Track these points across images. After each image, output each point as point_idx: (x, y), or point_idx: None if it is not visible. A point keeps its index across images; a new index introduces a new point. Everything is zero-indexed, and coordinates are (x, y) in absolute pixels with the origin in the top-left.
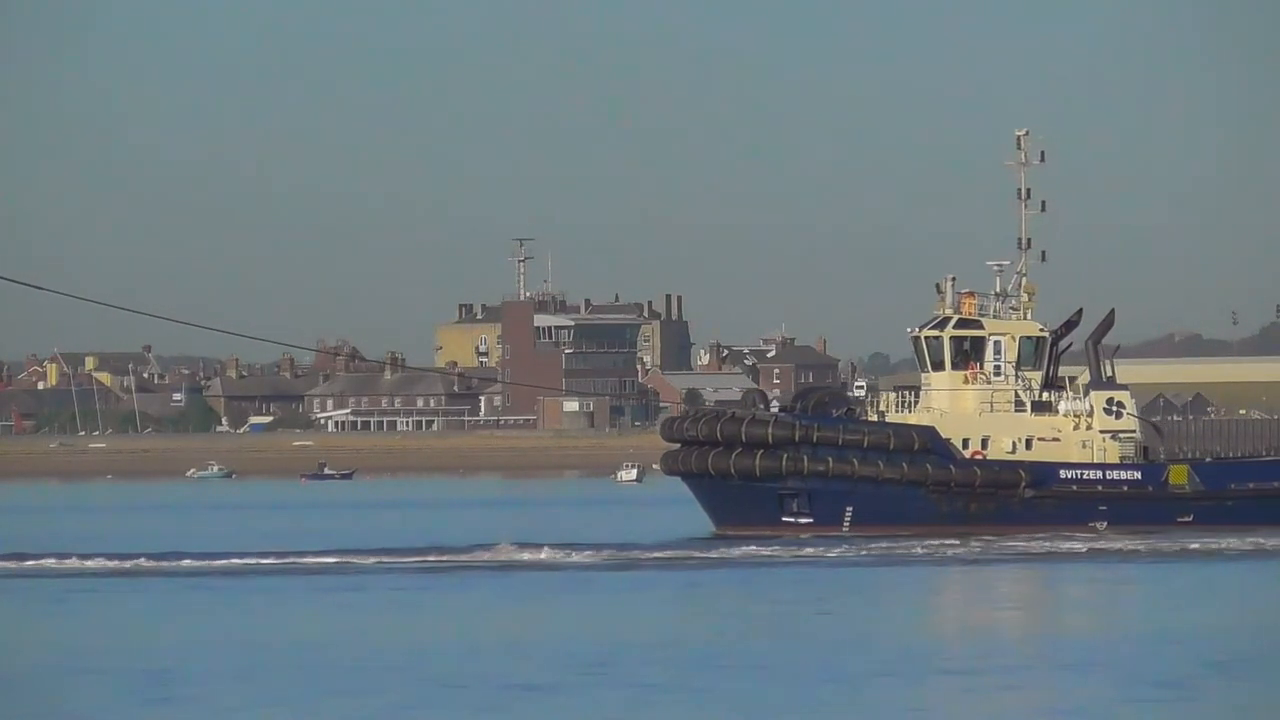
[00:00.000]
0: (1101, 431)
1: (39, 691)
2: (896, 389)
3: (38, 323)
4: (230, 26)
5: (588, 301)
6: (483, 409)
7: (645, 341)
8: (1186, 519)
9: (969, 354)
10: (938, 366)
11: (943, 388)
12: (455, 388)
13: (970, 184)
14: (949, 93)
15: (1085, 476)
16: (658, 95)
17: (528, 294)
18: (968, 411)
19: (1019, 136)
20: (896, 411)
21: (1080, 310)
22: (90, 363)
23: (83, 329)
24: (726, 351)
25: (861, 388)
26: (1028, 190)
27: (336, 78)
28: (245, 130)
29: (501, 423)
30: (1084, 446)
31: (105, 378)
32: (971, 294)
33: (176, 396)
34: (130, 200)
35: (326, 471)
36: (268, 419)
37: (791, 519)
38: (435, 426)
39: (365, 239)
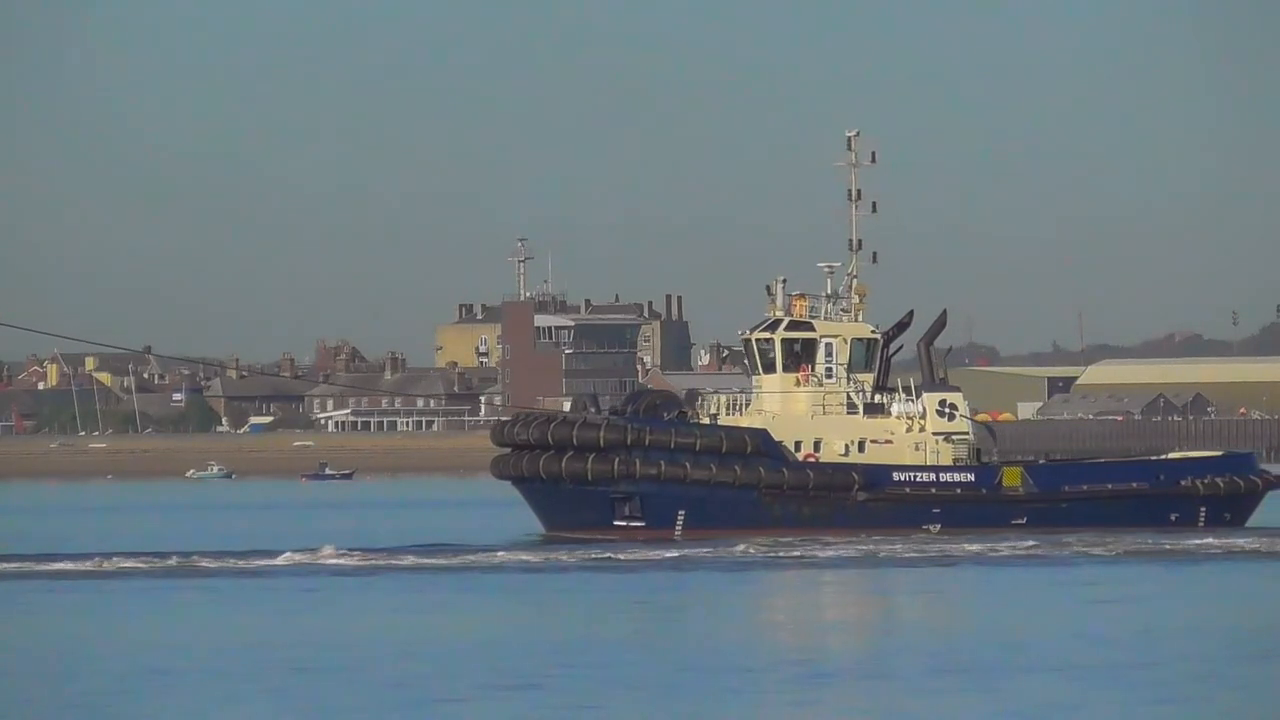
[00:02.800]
0: (934, 434)
1: None
2: (723, 391)
3: (38, 323)
4: (231, 26)
5: (588, 301)
6: (483, 409)
7: (645, 342)
8: (1020, 521)
9: (800, 356)
10: (769, 369)
11: (774, 390)
12: (455, 388)
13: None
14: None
15: (918, 479)
16: (658, 95)
17: (528, 294)
18: (800, 414)
19: (849, 137)
20: (728, 414)
21: (911, 312)
22: (90, 363)
23: (83, 329)
24: (727, 352)
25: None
26: (858, 191)
27: (337, 78)
28: (245, 130)
29: None
30: (917, 449)
31: (105, 378)
32: (802, 296)
33: (176, 396)
34: (130, 200)
35: (327, 472)
36: (268, 419)
37: (623, 523)
38: (435, 427)
39: (366, 239)
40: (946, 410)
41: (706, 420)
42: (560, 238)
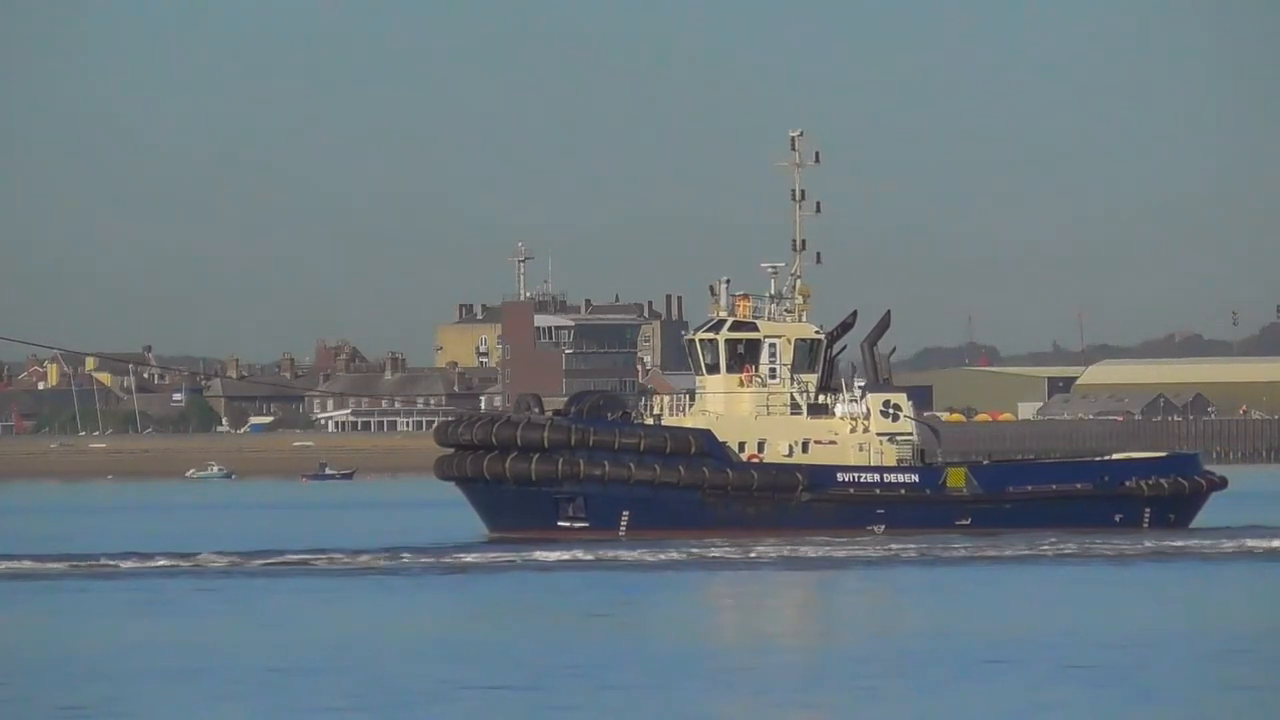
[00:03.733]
0: (878, 434)
1: None
2: (672, 393)
3: (38, 323)
4: (231, 26)
5: (588, 302)
6: (483, 409)
7: (645, 342)
8: (965, 522)
9: (744, 357)
10: (713, 370)
11: (718, 391)
12: (455, 388)
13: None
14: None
15: (862, 479)
16: (658, 95)
17: (528, 294)
18: (744, 415)
19: (794, 137)
20: (672, 415)
21: (855, 312)
22: (90, 363)
23: (83, 329)
24: None
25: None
26: (802, 191)
27: (338, 77)
28: (246, 130)
29: None
30: (861, 449)
31: (105, 378)
32: (746, 296)
33: (176, 397)
34: (130, 199)
35: (328, 472)
36: (268, 419)
37: (567, 523)
38: (436, 427)
39: (366, 239)
40: (890, 411)
41: (650, 421)
42: (560, 238)
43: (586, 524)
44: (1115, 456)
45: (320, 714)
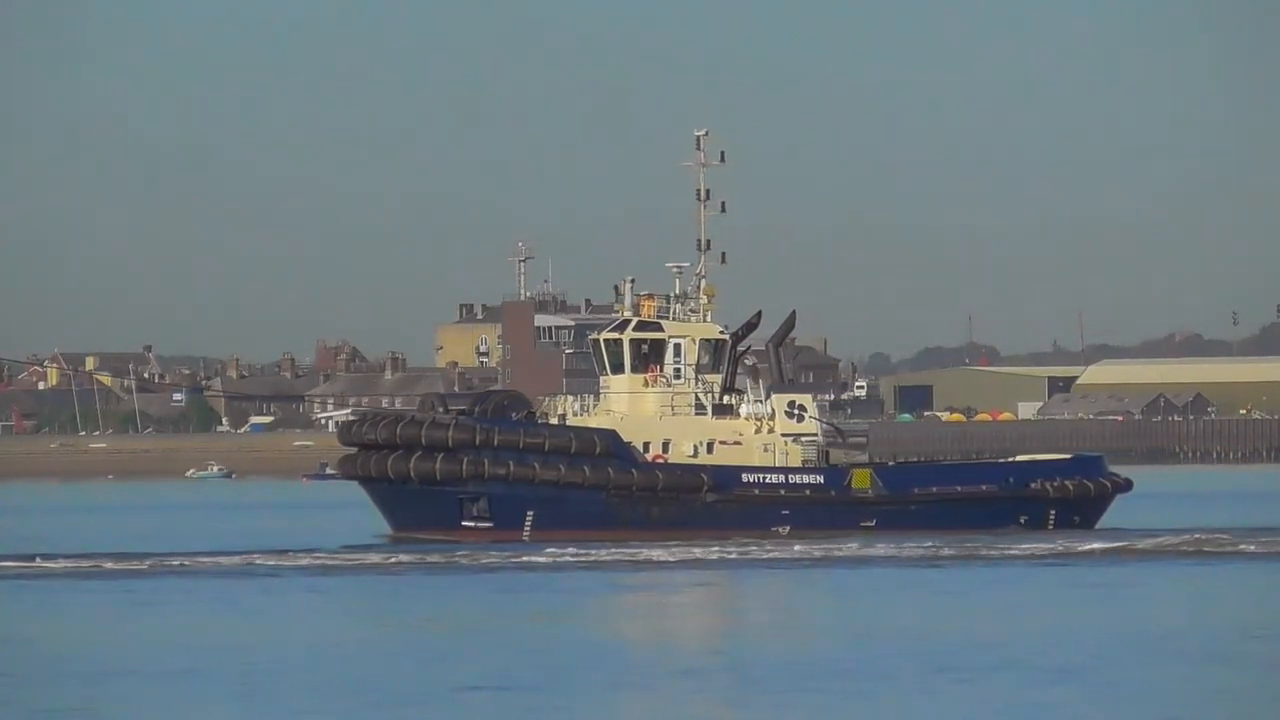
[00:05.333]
0: (783, 435)
1: None
2: (575, 394)
3: (38, 323)
4: (232, 24)
5: (588, 301)
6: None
7: None
8: (870, 523)
9: (649, 357)
10: (617, 370)
11: (623, 391)
12: (456, 388)
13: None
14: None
15: (767, 480)
16: (658, 95)
17: (528, 294)
18: (648, 415)
19: (699, 137)
20: (576, 415)
21: (760, 313)
22: (90, 363)
23: (83, 329)
24: None
25: (862, 388)
26: (707, 191)
27: (337, 77)
28: (246, 129)
29: None
30: (766, 450)
31: (106, 378)
32: (651, 296)
33: (177, 396)
34: (130, 199)
35: (328, 471)
36: (268, 419)
37: (472, 523)
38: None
39: (366, 239)
40: (795, 412)
41: (555, 421)
42: (560, 238)
43: (491, 524)
44: (1020, 458)
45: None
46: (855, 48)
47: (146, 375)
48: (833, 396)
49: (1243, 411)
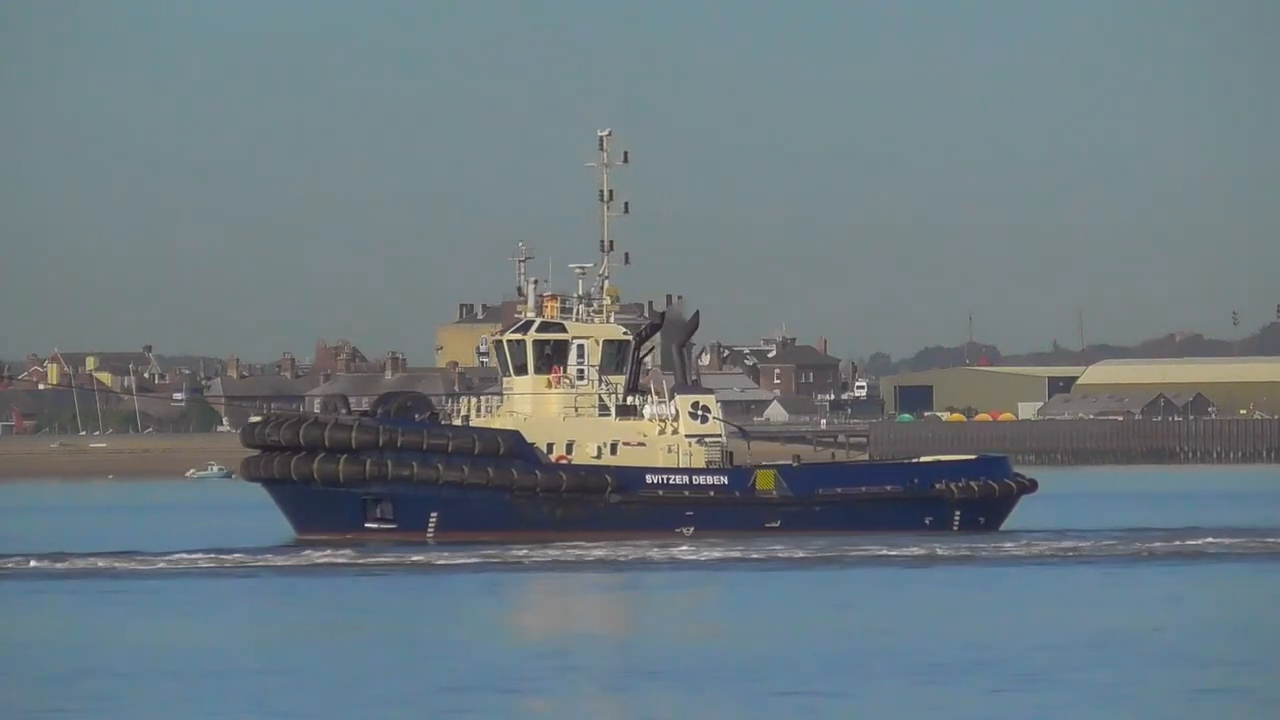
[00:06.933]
0: (687, 436)
1: None
2: (481, 394)
3: (38, 323)
4: (230, 27)
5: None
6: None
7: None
8: (774, 524)
9: (552, 358)
10: (520, 371)
11: (526, 392)
12: (456, 388)
13: None
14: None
15: (671, 481)
16: (658, 95)
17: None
18: (552, 416)
19: (602, 137)
20: (480, 416)
21: (663, 314)
22: (91, 363)
23: (83, 329)
24: (727, 352)
25: (862, 388)
26: (610, 192)
27: (338, 77)
28: (246, 129)
29: None
30: (670, 451)
31: (106, 378)
32: (554, 297)
33: (177, 396)
34: (130, 199)
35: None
36: None
37: (375, 525)
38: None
39: (366, 239)
40: (699, 413)
41: (459, 422)
42: (560, 237)
43: (394, 525)
44: (924, 459)
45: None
46: (856, 47)
47: (147, 375)
48: (833, 397)
49: (1243, 412)
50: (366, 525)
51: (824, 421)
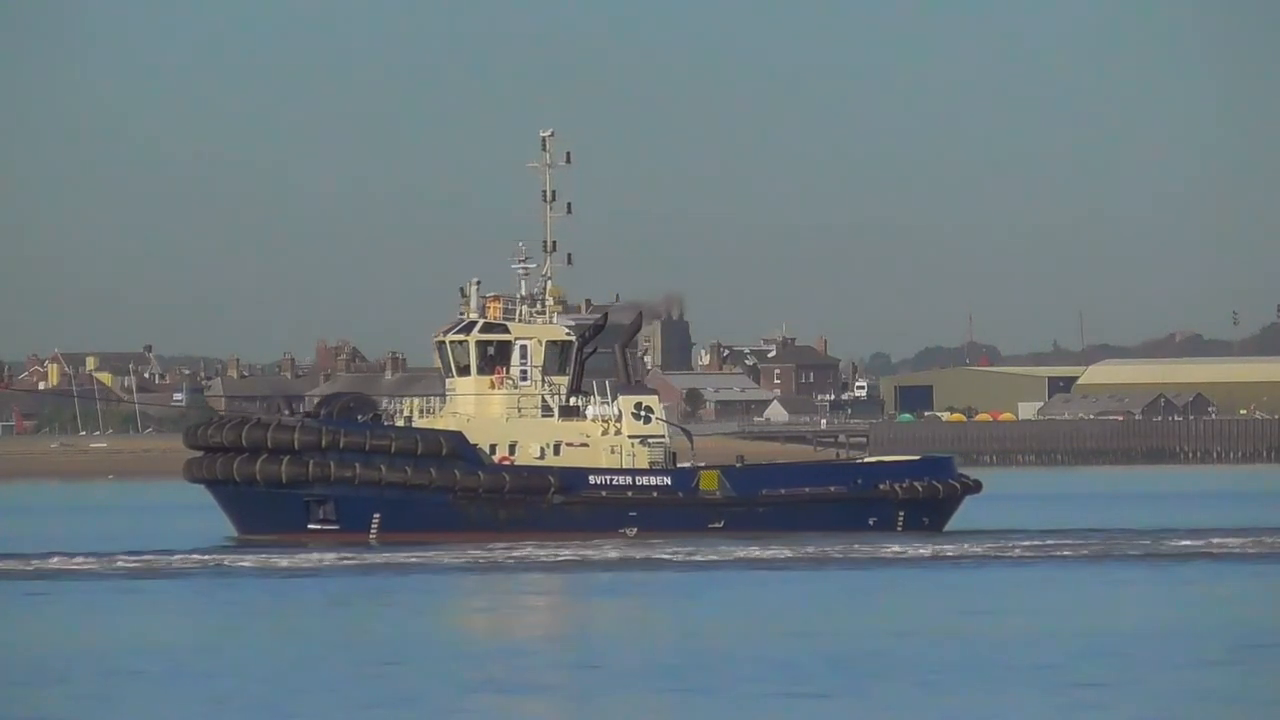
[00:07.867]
0: (630, 437)
1: None
2: (423, 396)
3: (38, 323)
4: (231, 27)
5: (588, 301)
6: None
7: (646, 341)
8: (718, 525)
9: (495, 359)
10: (463, 371)
11: (469, 393)
12: None
13: None
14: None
15: (615, 482)
16: (658, 94)
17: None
18: (495, 417)
19: (544, 138)
20: (422, 417)
21: (606, 314)
22: (91, 363)
23: (83, 329)
24: (727, 351)
25: (862, 388)
26: (553, 192)
27: (337, 78)
28: (245, 130)
29: None
30: (613, 452)
31: (106, 378)
32: (497, 298)
33: (177, 396)
34: (130, 199)
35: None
36: None
37: (318, 526)
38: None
39: (366, 239)
40: (642, 413)
41: (401, 423)
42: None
43: (337, 526)
44: (869, 460)
45: None
46: (855, 48)
47: (147, 375)
48: (833, 397)
49: (1243, 412)
50: (309, 526)
51: (824, 421)
